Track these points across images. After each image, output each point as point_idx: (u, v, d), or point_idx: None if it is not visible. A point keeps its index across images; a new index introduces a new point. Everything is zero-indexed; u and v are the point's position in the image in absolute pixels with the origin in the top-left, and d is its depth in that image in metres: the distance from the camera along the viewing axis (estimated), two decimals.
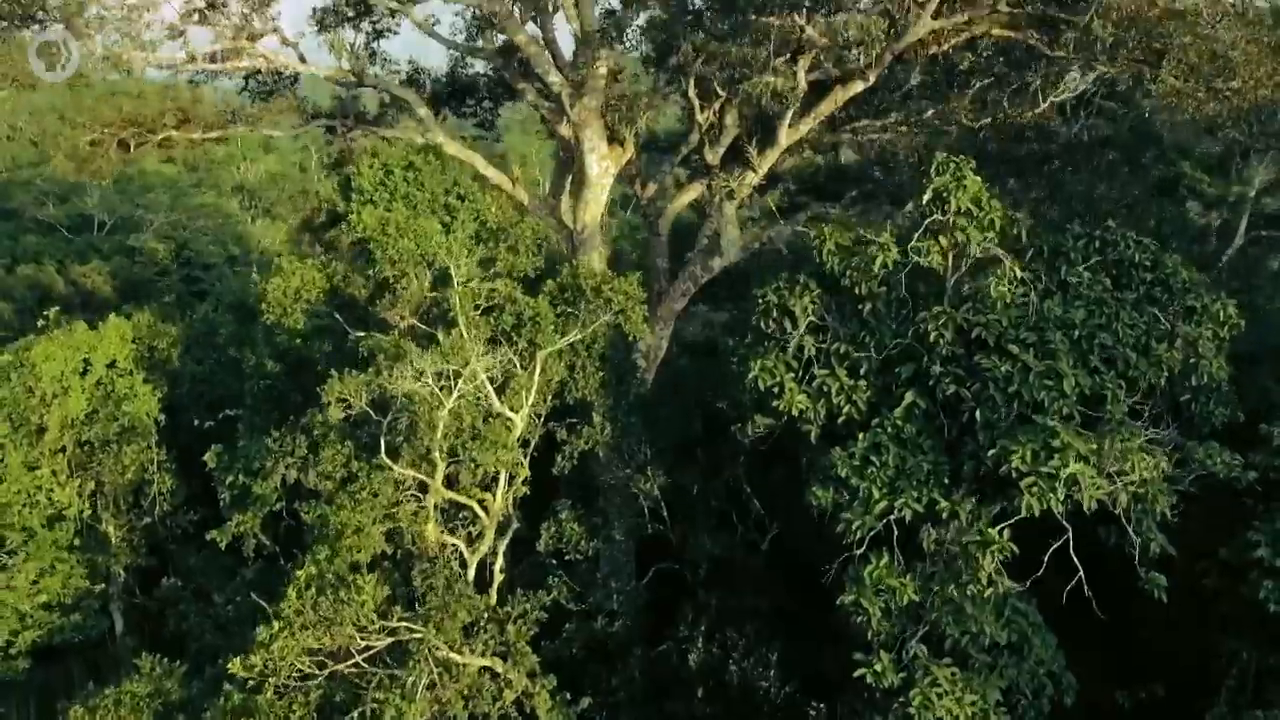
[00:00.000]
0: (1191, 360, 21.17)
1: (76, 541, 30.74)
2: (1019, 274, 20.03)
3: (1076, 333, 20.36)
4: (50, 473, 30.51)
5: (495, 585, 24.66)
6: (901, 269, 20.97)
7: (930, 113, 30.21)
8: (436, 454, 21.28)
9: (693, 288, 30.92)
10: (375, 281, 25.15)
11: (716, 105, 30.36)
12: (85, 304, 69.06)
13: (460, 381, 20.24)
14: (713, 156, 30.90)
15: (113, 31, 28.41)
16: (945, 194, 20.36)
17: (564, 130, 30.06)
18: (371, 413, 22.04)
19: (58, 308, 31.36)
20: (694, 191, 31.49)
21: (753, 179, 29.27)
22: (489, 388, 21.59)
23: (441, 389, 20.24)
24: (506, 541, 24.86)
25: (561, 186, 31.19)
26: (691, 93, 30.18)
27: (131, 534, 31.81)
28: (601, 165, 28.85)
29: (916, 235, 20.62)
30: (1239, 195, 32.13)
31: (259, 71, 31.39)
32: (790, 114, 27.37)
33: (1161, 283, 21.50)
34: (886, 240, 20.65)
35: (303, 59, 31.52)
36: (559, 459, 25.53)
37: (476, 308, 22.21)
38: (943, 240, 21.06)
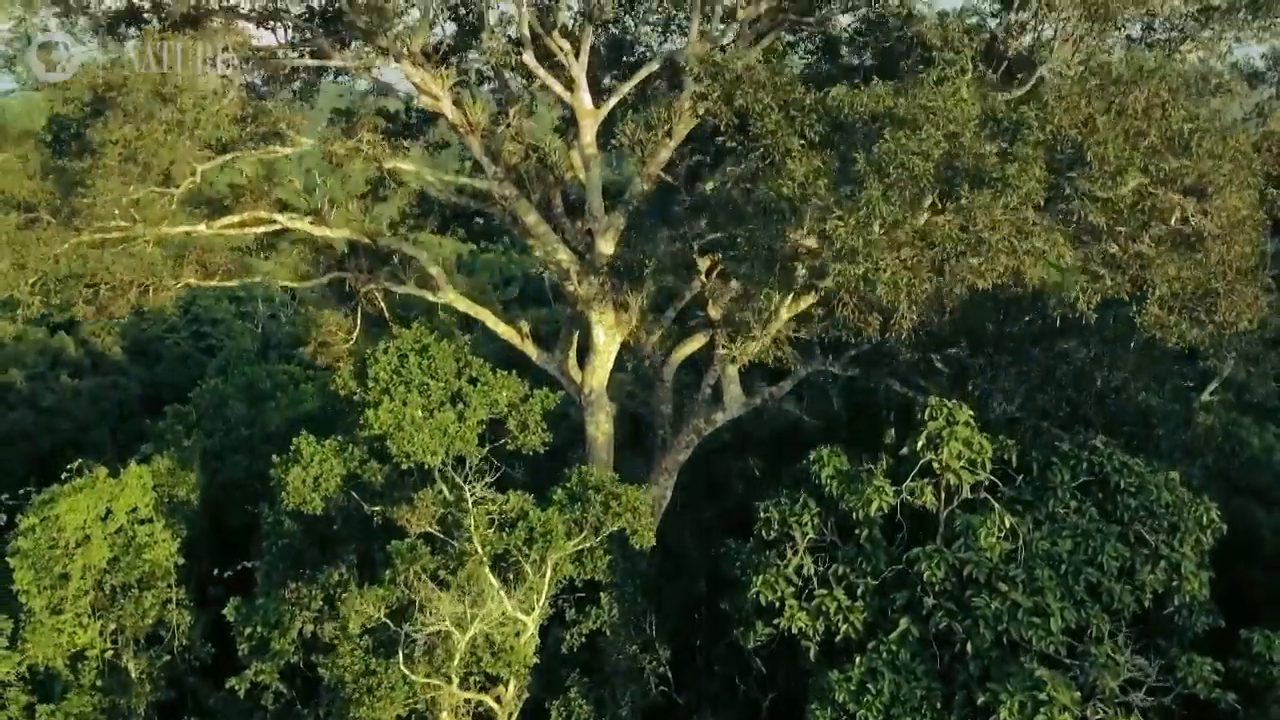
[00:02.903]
0: (1175, 583, 22.21)
1: (99, 682, 31.76)
2: (1008, 523, 21.02)
3: (1064, 567, 21.42)
4: (74, 615, 31.48)
5: None
6: (896, 500, 22.01)
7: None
8: (453, 673, 22.32)
9: (696, 439, 31.86)
10: (392, 470, 26.20)
11: (720, 266, 31.35)
12: (95, 366, 70.33)
13: (477, 621, 21.28)
14: (715, 311, 31.81)
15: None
16: (938, 440, 21.37)
17: (570, 289, 30.96)
18: (389, 624, 23.10)
19: (80, 460, 32.25)
20: (696, 343, 32.38)
21: (755, 346, 30.15)
22: (506, 602, 22.60)
23: (457, 626, 21.29)
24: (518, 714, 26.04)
25: (570, 342, 32.13)
26: (695, 253, 31.17)
27: (152, 668, 32.83)
28: (608, 334, 29.81)
29: (910, 477, 21.62)
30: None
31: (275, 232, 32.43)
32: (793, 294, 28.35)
33: (1146, 508, 22.49)
34: (881, 482, 21.66)
35: (319, 213, 32.60)
36: (568, 637, 26.56)
37: (491, 522, 23.24)
38: (935, 469, 22.08)
